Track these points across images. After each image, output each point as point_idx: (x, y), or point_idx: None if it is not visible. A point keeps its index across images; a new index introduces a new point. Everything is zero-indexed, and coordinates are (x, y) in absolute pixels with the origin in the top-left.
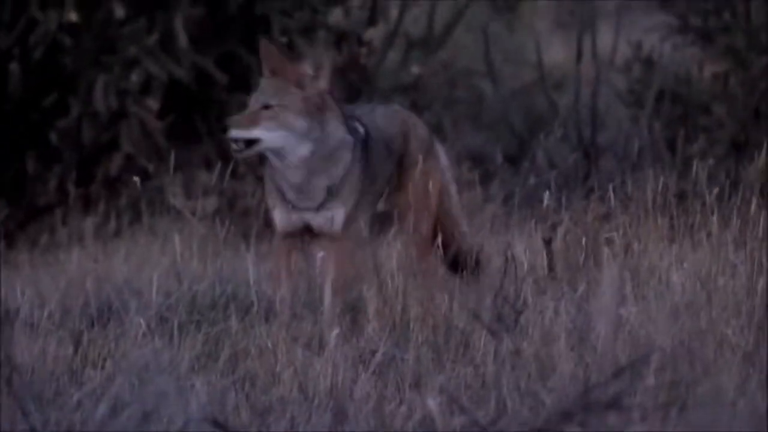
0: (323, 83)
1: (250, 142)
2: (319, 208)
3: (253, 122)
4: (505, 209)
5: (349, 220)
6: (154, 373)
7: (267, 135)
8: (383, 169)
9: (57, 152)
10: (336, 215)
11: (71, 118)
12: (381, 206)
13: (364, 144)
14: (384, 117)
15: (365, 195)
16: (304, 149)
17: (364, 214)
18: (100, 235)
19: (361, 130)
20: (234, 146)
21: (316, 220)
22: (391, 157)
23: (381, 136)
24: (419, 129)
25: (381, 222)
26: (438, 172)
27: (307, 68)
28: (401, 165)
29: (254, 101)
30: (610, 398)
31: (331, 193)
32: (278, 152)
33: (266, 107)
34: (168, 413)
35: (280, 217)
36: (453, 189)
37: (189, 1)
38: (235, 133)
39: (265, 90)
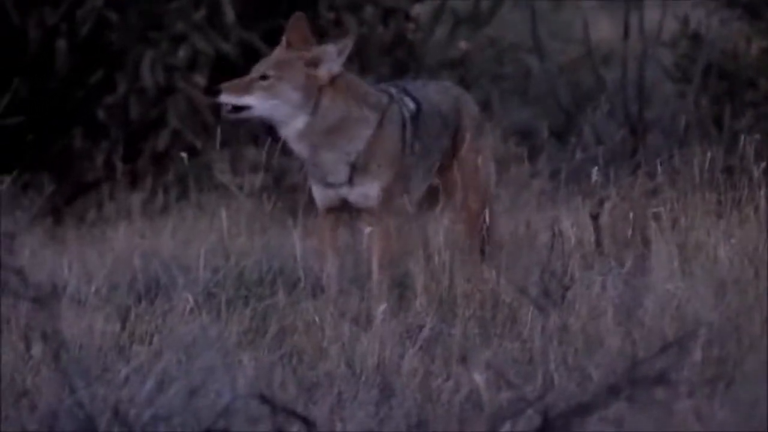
0: (337, 68)
1: (241, 108)
2: (352, 183)
3: (247, 90)
4: (552, 184)
5: (388, 195)
6: (201, 348)
7: (258, 103)
8: (437, 143)
9: (104, 128)
10: (370, 190)
11: (118, 94)
12: (436, 181)
13: (414, 118)
14: (437, 92)
15: (415, 169)
16: (299, 122)
17: (417, 186)
18: (147, 210)
19: (411, 104)
20: (224, 109)
21: (352, 195)
22: (446, 130)
23: (435, 110)
24: (471, 106)
25: (428, 197)
26: (488, 150)
27: (328, 51)
28: (453, 140)
29: (254, 70)
30: (657, 373)
31: (356, 168)
32: (272, 122)
33: (263, 77)
34: (215, 389)
35: (317, 193)
36: (493, 168)
37: None
38: (225, 98)
39: (268, 60)
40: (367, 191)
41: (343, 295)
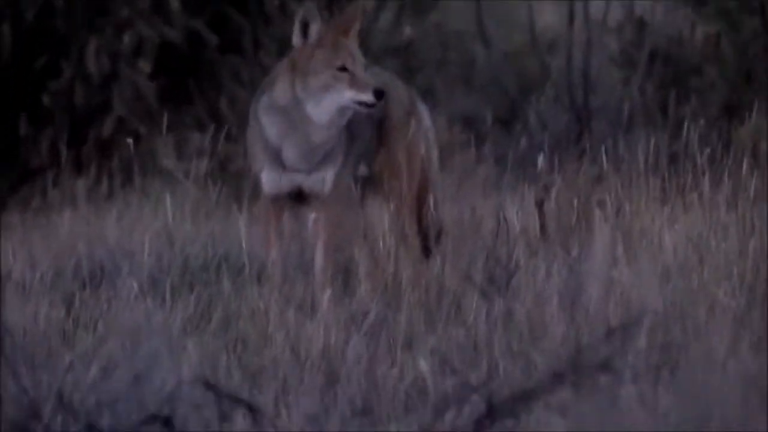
0: None
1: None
2: (312, 170)
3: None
4: (497, 171)
5: (337, 181)
6: (145, 335)
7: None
8: (363, 131)
9: (49, 114)
10: (327, 177)
11: (63, 80)
12: (365, 170)
13: None
14: None
15: (348, 156)
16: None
17: (347, 175)
18: (92, 197)
19: None
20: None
21: (307, 182)
22: (370, 118)
23: None
24: (400, 91)
25: (366, 185)
26: (421, 133)
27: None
28: (382, 128)
29: (356, 63)
30: (601, 360)
31: (328, 155)
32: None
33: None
34: (160, 375)
35: (268, 180)
36: (435, 153)
37: None
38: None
39: (358, 50)
40: (325, 177)
41: (288, 282)
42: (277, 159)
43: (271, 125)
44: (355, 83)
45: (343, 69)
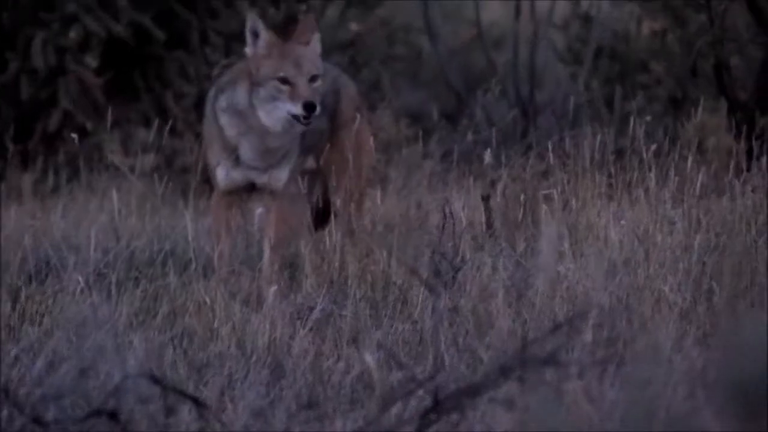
0: None
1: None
2: (267, 168)
3: (315, 97)
4: (443, 166)
5: (290, 177)
6: (91, 329)
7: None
8: (317, 123)
9: None
10: (282, 173)
11: (9, 74)
12: (312, 163)
13: None
14: None
15: (301, 152)
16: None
17: (297, 170)
18: (38, 191)
19: None
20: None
21: (262, 178)
22: (324, 112)
23: None
24: (350, 88)
25: (313, 179)
26: (368, 130)
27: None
28: (333, 122)
29: (300, 74)
30: (547, 354)
31: (286, 154)
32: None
33: (313, 79)
34: (105, 369)
35: (223, 175)
36: (372, 151)
37: None
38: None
39: (310, 59)
40: (280, 174)
41: (234, 276)
42: (233, 155)
43: (230, 126)
44: (293, 95)
45: (285, 81)
